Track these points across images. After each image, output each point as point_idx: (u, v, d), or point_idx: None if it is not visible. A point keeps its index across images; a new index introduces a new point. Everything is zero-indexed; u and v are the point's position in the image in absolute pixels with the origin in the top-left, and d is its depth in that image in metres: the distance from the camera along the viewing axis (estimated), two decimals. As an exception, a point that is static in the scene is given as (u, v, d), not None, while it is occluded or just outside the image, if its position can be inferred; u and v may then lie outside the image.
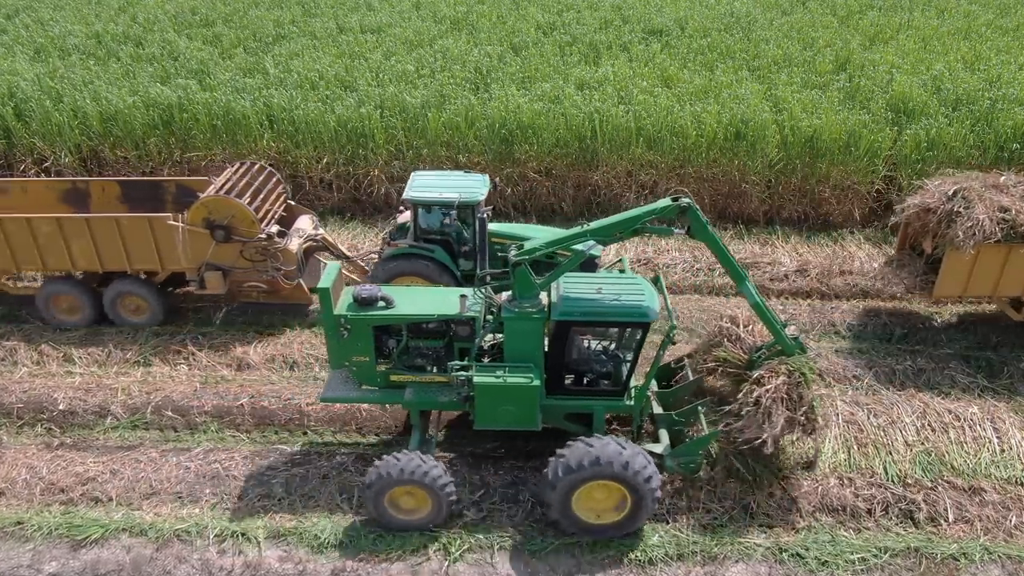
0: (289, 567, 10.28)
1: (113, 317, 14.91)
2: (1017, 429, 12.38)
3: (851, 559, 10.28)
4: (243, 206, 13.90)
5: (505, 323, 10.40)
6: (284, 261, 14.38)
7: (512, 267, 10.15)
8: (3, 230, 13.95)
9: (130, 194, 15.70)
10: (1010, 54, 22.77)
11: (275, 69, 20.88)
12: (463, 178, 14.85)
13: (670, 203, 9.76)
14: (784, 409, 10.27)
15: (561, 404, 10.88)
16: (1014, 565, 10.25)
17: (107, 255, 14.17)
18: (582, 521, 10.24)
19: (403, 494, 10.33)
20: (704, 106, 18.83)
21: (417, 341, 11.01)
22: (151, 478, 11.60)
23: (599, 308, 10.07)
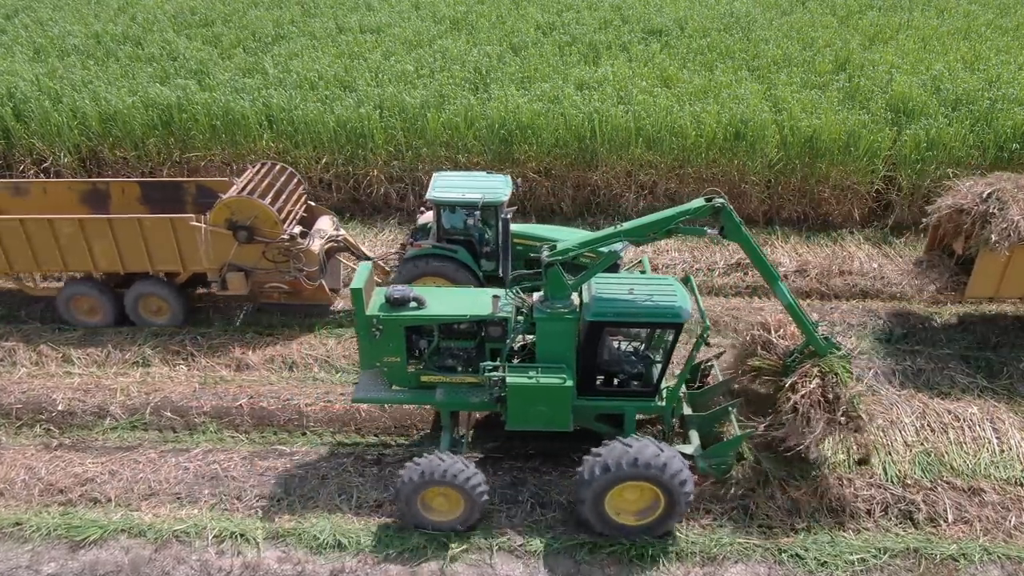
0: (288, 568, 10.27)
1: (134, 318, 14.86)
2: (1017, 429, 12.35)
3: (850, 560, 10.27)
4: (266, 207, 13.87)
5: (537, 324, 10.39)
6: (306, 262, 14.33)
7: (544, 268, 10.15)
8: (25, 231, 13.92)
9: (150, 195, 15.71)
10: (1010, 54, 22.75)
11: (274, 69, 20.87)
12: (486, 179, 14.79)
13: (704, 203, 9.76)
14: (822, 412, 10.29)
15: (592, 405, 10.83)
16: (1013, 565, 10.24)
17: (129, 256, 14.15)
18: (613, 521, 10.23)
19: (436, 495, 10.32)
20: (703, 106, 18.82)
21: (448, 342, 11.01)
22: (150, 479, 11.60)
23: (632, 309, 10.04)
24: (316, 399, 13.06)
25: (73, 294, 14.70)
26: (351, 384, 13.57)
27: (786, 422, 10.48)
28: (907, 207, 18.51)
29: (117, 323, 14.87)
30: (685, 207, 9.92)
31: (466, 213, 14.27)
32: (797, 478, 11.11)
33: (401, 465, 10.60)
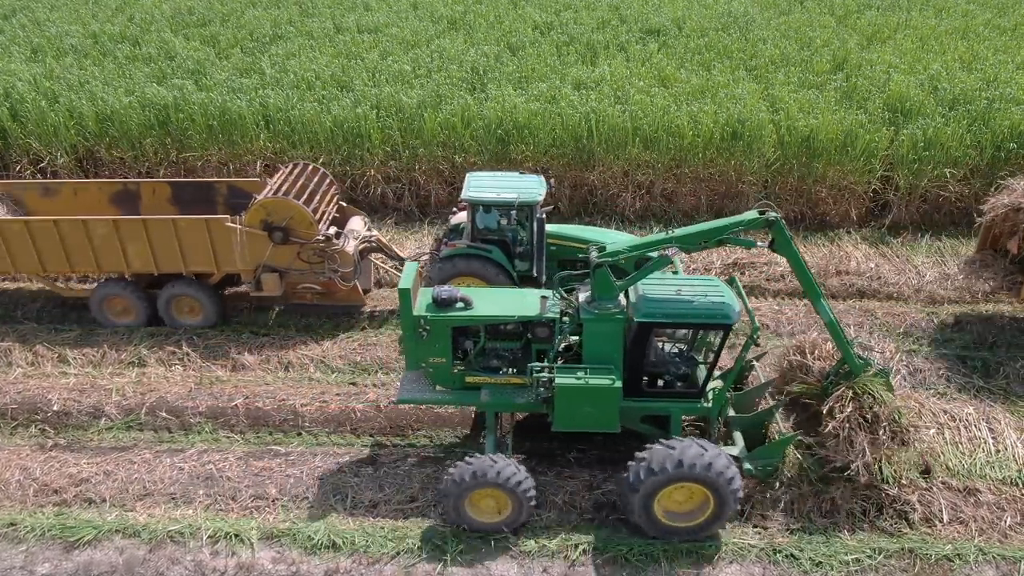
0: (282, 568, 10.25)
1: (166, 319, 14.84)
2: (1013, 430, 12.35)
3: (845, 560, 10.25)
4: (302, 207, 13.83)
5: (585, 324, 10.35)
6: (341, 263, 14.29)
7: (593, 269, 10.13)
8: (59, 231, 13.90)
9: (181, 195, 15.72)
10: (1007, 53, 22.74)
11: (271, 69, 20.85)
12: (519, 179, 14.75)
13: (757, 216, 9.80)
14: (864, 433, 10.33)
15: (638, 406, 10.76)
16: (1009, 566, 10.22)
17: (163, 257, 14.12)
18: (664, 524, 10.20)
19: (485, 497, 10.26)
20: (700, 106, 18.80)
21: (494, 342, 10.98)
22: (145, 479, 11.58)
23: (681, 310, 10.01)
24: (312, 399, 13.05)
25: (106, 295, 14.67)
26: (347, 384, 13.61)
27: (829, 446, 10.54)
28: (904, 207, 18.52)
29: (149, 324, 14.84)
30: (739, 218, 9.97)
31: (500, 213, 14.21)
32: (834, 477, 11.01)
33: (446, 465, 10.70)
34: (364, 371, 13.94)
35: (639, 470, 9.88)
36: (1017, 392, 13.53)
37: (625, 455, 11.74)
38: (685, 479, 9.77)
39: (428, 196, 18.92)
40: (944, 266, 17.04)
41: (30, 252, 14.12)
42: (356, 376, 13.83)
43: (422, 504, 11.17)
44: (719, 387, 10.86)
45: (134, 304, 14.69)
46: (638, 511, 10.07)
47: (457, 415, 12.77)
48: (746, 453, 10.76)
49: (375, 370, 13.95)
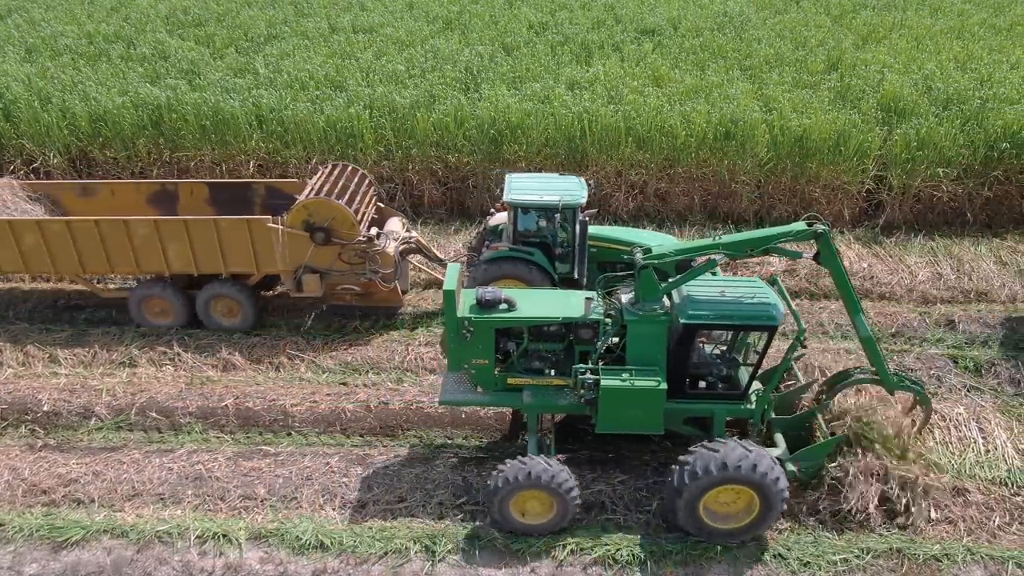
0: (270, 568, 10.25)
1: (205, 320, 14.80)
2: (1003, 429, 12.37)
3: (833, 560, 10.24)
4: (344, 208, 13.80)
5: (629, 326, 10.31)
6: (382, 264, 14.24)
7: (638, 270, 10.11)
8: (99, 231, 13.86)
9: (218, 196, 15.71)
10: (1002, 53, 22.73)
11: (265, 69, 20.84)
12: (560, 180, 14.68)
13: (806, 227, 9.82)
14: (874, 483, 10.55)
15: (681, 408, 10.71)
16: (996, 566, 10.21)
17: (203, 257, 14.07)
18: (710, 526, 10.18)
19: (530, 498, 10.22)
20: (694, 106, 18.79)
21: (537, 344, 10.95)
22: (134, 479, 11.58)
23: (727, 311, 9.97)
24: (302, 400, 13.05)
25: (145, 296, 14.63)
26: (337, 384, 13.61)
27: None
28: (898, 207, 18.50)
29: (188, 325, 14.82)
30: (787, 228, 9.98)
31: (540, 215, 14.13)
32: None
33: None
34: (355, 371, 13.94)
35: (683, 474, 9.84)
36: (1008, 392, 13.54)
37: (615, 457, 11.86)
38: (731, 481, 9.75)
39: (421, 196, 18.90)
40: (937, 266, 17.04)
41: (70, 252, 14.04)
42: (347, 376, 13.83)
43: (411, 504, 11.17)
44: (762, 389, 10.83)
45: (173, 305, 14.65)
46: (683, 514, 10.04)
47: (447, 415, 12.76)
48: (788, 455, 10.71)
49: (366, 370, 13.95)
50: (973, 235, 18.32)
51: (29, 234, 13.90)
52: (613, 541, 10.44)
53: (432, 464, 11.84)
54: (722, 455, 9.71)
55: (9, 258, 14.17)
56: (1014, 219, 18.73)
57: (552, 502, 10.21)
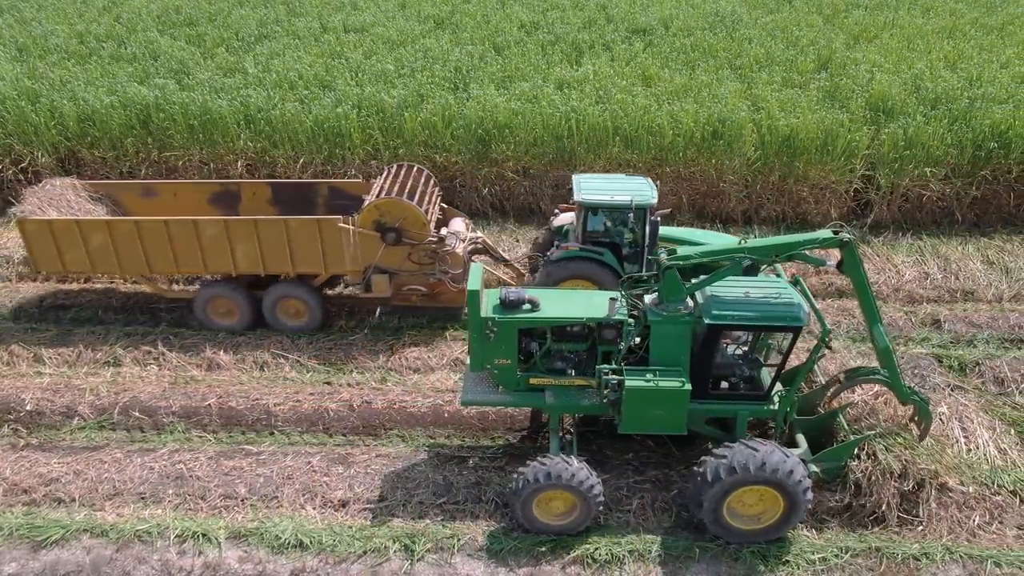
0: (248, 567, 10.25)
1: (271, 321, 14.74)
2: (985, 428, 12.36)
3: (811, 559, 10.23)
4: (415, 208, 13.76)
5: (652, 326, 10.29)
6: (452, 264, 14.18)
7: (662, 271, 10.09)
8: (168, 232, 13.83)
9: (281, 196, 15.71)
10: (992, 52, 22.75)
11: (254, 69, 20.84)
12: (628, 181, 14.59)
13: (831, 235, 9.83)
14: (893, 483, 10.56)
15: (704, 408, 10.70)
16: (975, 565, 10.20)
17: (271, 258, 14.02)
18: (728, 524, 10.19)
19: (553, 498, 10.22)
20: (682, 105, 18.79)
21: (560, 344, 10.93)
22: (115, 479, 11.57)
23: (752, 312, 9.96)
24: (285, 399, 13.04)
25: (211, 296, 14.59)
26: (321, 384, 13.60)
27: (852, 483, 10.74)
28: (886, 206, 18.51)
29: (253, 326, 14.78)
30: (812, 236, 10.00)
31: (611, 216, 14.00)
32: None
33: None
34: (339, 371, 13.93)
35: (719, 467, 9.82)
36: (992, 391, 13.54)
37: (598, 457, 11.84)
38: (764, 482, 9.75)
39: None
40: (924, 265, 17.05)
41: (138, 252, 14.02)
42: (331, 376, 13.82)
43: (391, 503, 11.17)
44: (785, 390, 10.82)
45: (239, 305, 14.61)
46: (707, 507, 10.02)
47: (430, 415, 12.76)
48: (810, 455, 10.70)
49: (350, 370, 13.94)
50: (961, 235, 18.34)
51: (98, 234, 13.88)
52: (592, 540, 10.44)
53: (413, 463, 11.84)
54: (762, 455, 9.71)
55: (76, 258, 14.14)
56: (1002, 219, 18.76)
57: (575, 501, 10.22)
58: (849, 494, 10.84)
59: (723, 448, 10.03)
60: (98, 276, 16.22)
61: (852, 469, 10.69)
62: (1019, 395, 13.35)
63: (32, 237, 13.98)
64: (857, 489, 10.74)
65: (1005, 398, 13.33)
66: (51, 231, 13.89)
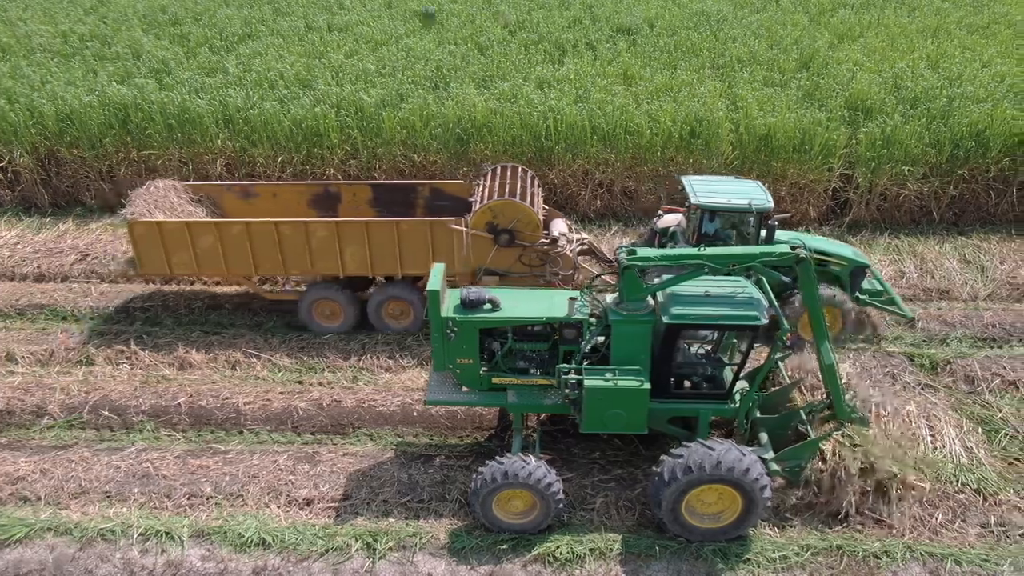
0: (211, 566, 10.26)
1: (376, 323, 14.70)
2: (952, 427, 12.39)
3: (772, 557, 10.24)
4: (530, 210, 13.69)
5: (613, 326, 10.30)
6: (563, 266, 14.10)
7: (621, 271, 10.11)
8: (278, 233, 13.84)
9: (381, 197, 15.72)
10: (975, 51, 22.73)
11: (235, 68, 20.85)
12: (739, 184, 14.45)
13: (789, 252, 9.87)
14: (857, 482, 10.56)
15: (666, 408, 10.73)
16: (935, 563, 10.21)
17: (380, 259, 14.00)
18: (687, 523, 10.22)
19: (511, 497, 10.25)
20: (660, 104, 18.80)
21: (522, 344, 10.96)
22: (81, 477, 11.59)
23: (710, 311, 9.98)
24: (255, 398, 13.07)
25: (316, 298, 14.58)
26: (292, 383, 13.62)
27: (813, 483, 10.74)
28: (864, 205, 18.52)
29: (356, 328, 14.75)
30: (769, 250, 10.03)
31: (727, 218, 13.73)
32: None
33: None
34: (311, 370, 13.96)
35: (675, 467, 9.85)
36: (963, 390, 13.54)
37: (565, 456, 11.86)
38: (721, 481, 9.77)
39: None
40: (900, 264, 17.07)
41: (246, 254, 14.02)
42: (303, 375, 13.85)
43: (356, 502, 11.19)
44: (746, 389, 10.85)
45: (344, 307, 14.60)
46: (666, 507, 10.05)
47: (399, 413, 12.78)
48: (773, 454, 10.72)
49: (322, 369, 13.97)
50: (939, 233, 18.35)
51: (207, 236, 13.91)
52: (553, 538, 10.45)
53: (380, 462, 11.86)
54: (718, 454, 9.73)
55: (183, 260, 14.16)
56: (981, 218, 18.77)
57: (534, 500, 10.24)
58: (811, 492, 10.86)
59: (681, 448, 10.04)
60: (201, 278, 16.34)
61: (814, 468, 10.69)
62: (988, 393, 13.34)
63: (141, 240, 13.97)
64: (819, 487, 10.75)
65: (975, 396, 13.33)
66: (160, 233, 13.88)
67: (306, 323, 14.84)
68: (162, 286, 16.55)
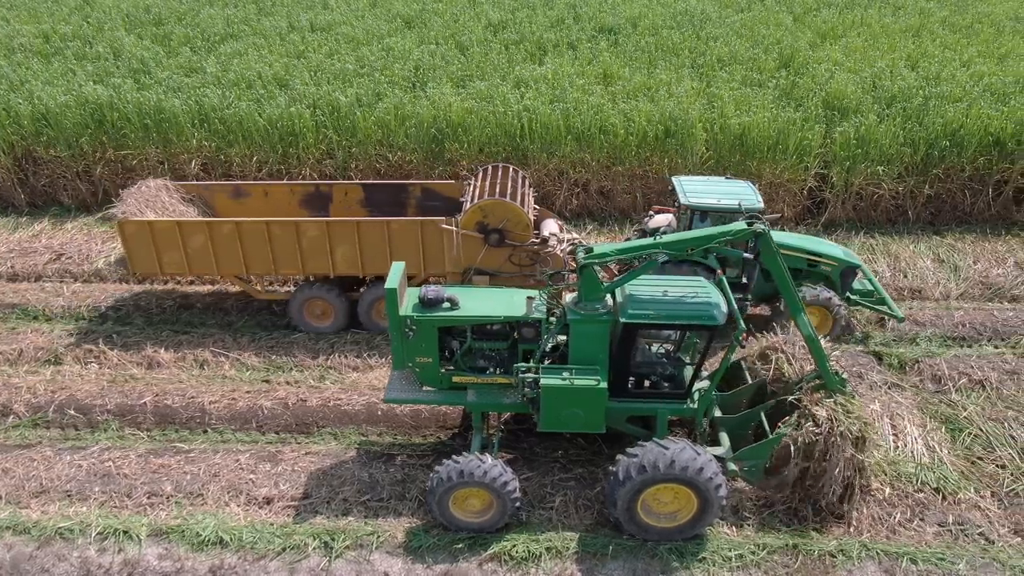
0: (167, 564, 10.27)
1: (366, 323, 14.71)
2: (916, 426, 12.41)
3: (728, 555, 10.25)
4: (519, 209, 13.70)
5: (571, 325, 10.30)
6: (552, 266, 14.12)
7: (579, 269, 10.10)
8: (269, 233, 13.86)
9: (372, 197, 15.72)
10: (955, 51, 22.74)
11: (214, 68, 20.85)
12: (729, 184, 14.48)
13: (745, 227, 9.81)
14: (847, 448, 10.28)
15: (624, 407, 10.75)
16: (890, 561, 10.21)
17: (370, 259, 14.01)
18: (643, 522, 10.22)
19: (468, 496, 10.27)
20: (635, 104, 18.81)
21: (481, 343, 10.96)
22: (42, 476, 11.59)
23: (667, 311, 9.98)
24: (221, 397, 13.08)
25: (307, 298, 14.59)
26: (259, 382, 13.63)
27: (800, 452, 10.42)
28: (840, 204, 18.53)
29: (347, 328, 14.76)
30: (726, 228, 9.96)
31: (717, 219, 13.63)
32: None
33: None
34: (279, 369, 13.98)
35: (629, 466, 9.86)
36: (929, 389, 13.55)
37: (528, 455, 11.87)
38: (675, 480, 9.77)
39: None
40: (874, 263, 17.07)
41: (237, 253, 14.04)
42: (270, 374, 13.86)
43: (315, 501, 11.19)
44: (705, 388, 10.84)
45: (335, 307, 14.60)
46: (621, 506, 10.06)
47: (363, 413, 12.80)
48: (731, 454, 10.73)
49: (290, 368, 13.98)
50: (915, 233, 18.36)
51: (198, 235, 13.92)
52: (510, 537, 10.46)
53: (341, 461, 11.87)
54: (672, 453, 9.73)
55: (174, 259, 14.16)
56: (957, 217, 18.79)
57: (491, 499, 10.26)
58: (769, 491, 10.86)
59: (636, 447, 10.05)
60: (191, 278, 16.29)
61: (808, 431, 10.36)
62: (955, 393, 13.34)
63: (132, 239, 13.97)
64: (810, 453, 10.47)
65: (941, 395, 13.33)
66: (151, 233, 13.90)
67: (296, 322, 14.84)
68: (151, 286, 16.54)
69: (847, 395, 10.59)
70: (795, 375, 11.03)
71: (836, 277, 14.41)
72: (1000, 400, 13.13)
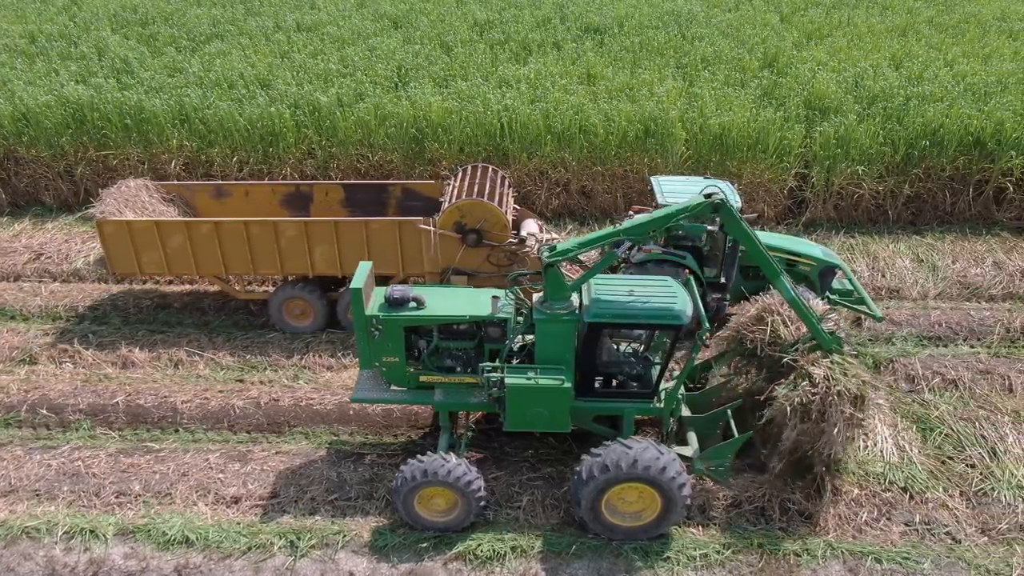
0: (133, 564, 10.28)
1: (345, 323, 14.69)
2: (886, 426, 12.41)
3: (693, 555, 10.25)
4: (497, 209, 13.70)
5: (536, 325, 10.31)
6: (531, 267, 14.06)
7: (544, 268, 10.11)
8: (248, 233, 13.84)
9: (353, 197, 15.71)
10: (940, 50, 22.74)
11: (196, 68, 20.86)
12: (708, 184, 14.21)
13: (703, 201, 9.73)
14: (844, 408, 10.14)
15: (590, 407, 10.77)
16: (855, 561, 10.22)
17: (349, 259, 13.98)
18: (608, 522, 10.23)
19: (433, 495, 10.28)
20: (616, 104, 18.81)
21: (447, 342, 10.97)
22: (11, 476, 11.60)
23: (632, 311, 9.97)
24: (193, 396, 13.08)
25: (287, 298, 14.59)
26: (233, 382, 13.64)
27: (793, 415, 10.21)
28: (820, 204, 18.53)
29: (325, 328, 14.79)
30: (685, 204, 9.89)
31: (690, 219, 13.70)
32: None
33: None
34: (253, 368, 13.98)
35: (592, 465, 9.88)
36: (903, 388, 13.55)
37: (497, 454, 11.88)
38: (638, 480, 9.78)
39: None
40: (852, 263, 17.04)
41: (215, 253, 14.03)
42: (244, 373, 13.87)
43: (283, 500, 11.20)
44: (670, 387, 10.85)
45: (313, 307, 14.61)
46: (585, 506, 10.07)
47: (335, 412, 12.80)
48: (698, 453, 10.73)
49: (264, 367, 13.99)
50: (895, 233, 18.35)
51: (176, 235, 13.91)
52: (475, 536, 10.47)
53: (311, 460, 11.88)
54: (635, 453, 9.75)
55: (153, 259, 14.15)
56: (938, 217, 18.76)
57: (455, 498, 10.27)
58: (735, 490, 10.87)
59: (600, 447, 10.05)
60: (171, 278, 16.31)
61: (805, 390, 10.24)
62: (928, 392, 13.35)
63: (110, 239, 13.96)
64: (807, 414, 10.38)
65: (914, 395, 13.34)
66: (130, 233, 13.90)
67: (275, 322, 14.84)
68: (129, 286, 16.54)
69: (844, 355, 10.44)
70: (791, 337, 10.90)
71: (815, 277, 14.39)
72: (972, 399, 13.13)
